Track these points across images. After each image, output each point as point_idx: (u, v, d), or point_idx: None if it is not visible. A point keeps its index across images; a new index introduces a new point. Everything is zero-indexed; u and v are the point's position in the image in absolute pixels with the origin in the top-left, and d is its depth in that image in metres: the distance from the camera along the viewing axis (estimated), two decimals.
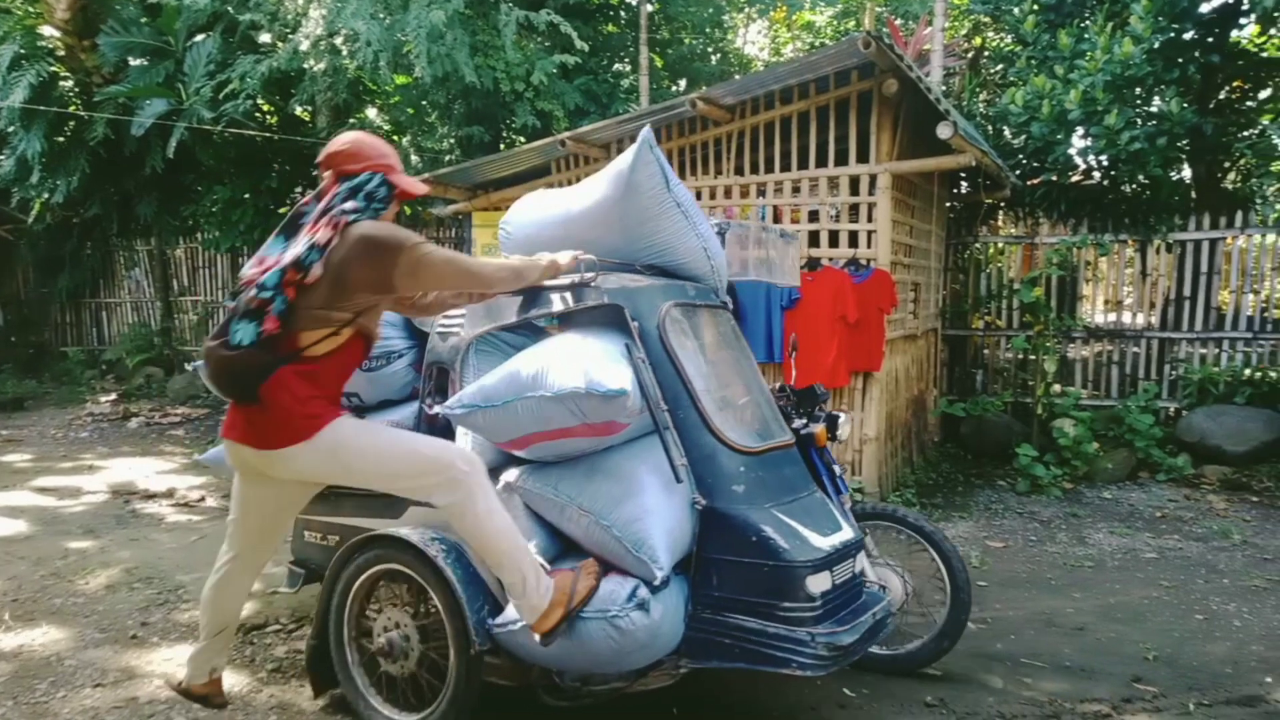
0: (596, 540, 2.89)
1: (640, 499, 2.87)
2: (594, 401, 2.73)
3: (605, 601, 2.77)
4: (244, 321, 2.58)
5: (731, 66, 13.77)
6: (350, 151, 2.77)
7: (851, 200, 6.43)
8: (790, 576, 2.84)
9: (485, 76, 8.76)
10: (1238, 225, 7.78)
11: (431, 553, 2.99)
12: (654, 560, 2.78)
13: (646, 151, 3.12)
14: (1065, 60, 7.59)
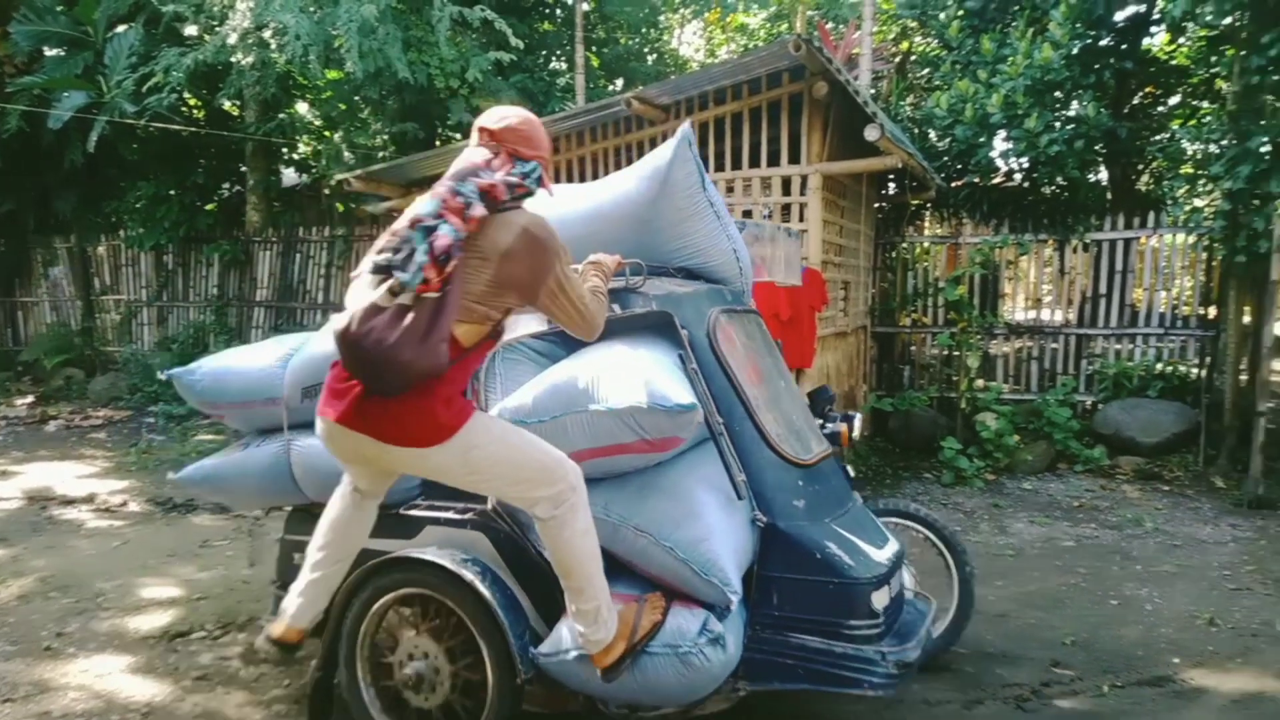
0: (656, 563, 2.71)
1: (704, 518, 2.72)
2: (659, 417, 2.59)
3: (674, 636, 2.61)
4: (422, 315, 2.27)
5: (667, 67, 13.85)
6: (527, 134, 2.49)
7: (783, 201, 6.54)
8: (856, 593, 2.77)
9: (419, 72, 8.67)
10: (1150, 226, 8.11)
11: (468, 576, 2.79)
12: (726, 584, 2.63)
13: (685, 149, 3.01)
14: (988, 65, 7.82)
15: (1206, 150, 7.30)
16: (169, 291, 12.15)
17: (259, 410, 3.38)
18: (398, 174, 7.93)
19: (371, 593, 3.00)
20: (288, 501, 3.49)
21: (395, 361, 2.18)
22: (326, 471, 3.03)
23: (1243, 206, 6.62)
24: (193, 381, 3.45)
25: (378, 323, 2.19)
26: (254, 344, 3.73)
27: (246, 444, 3.49)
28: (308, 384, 3.22)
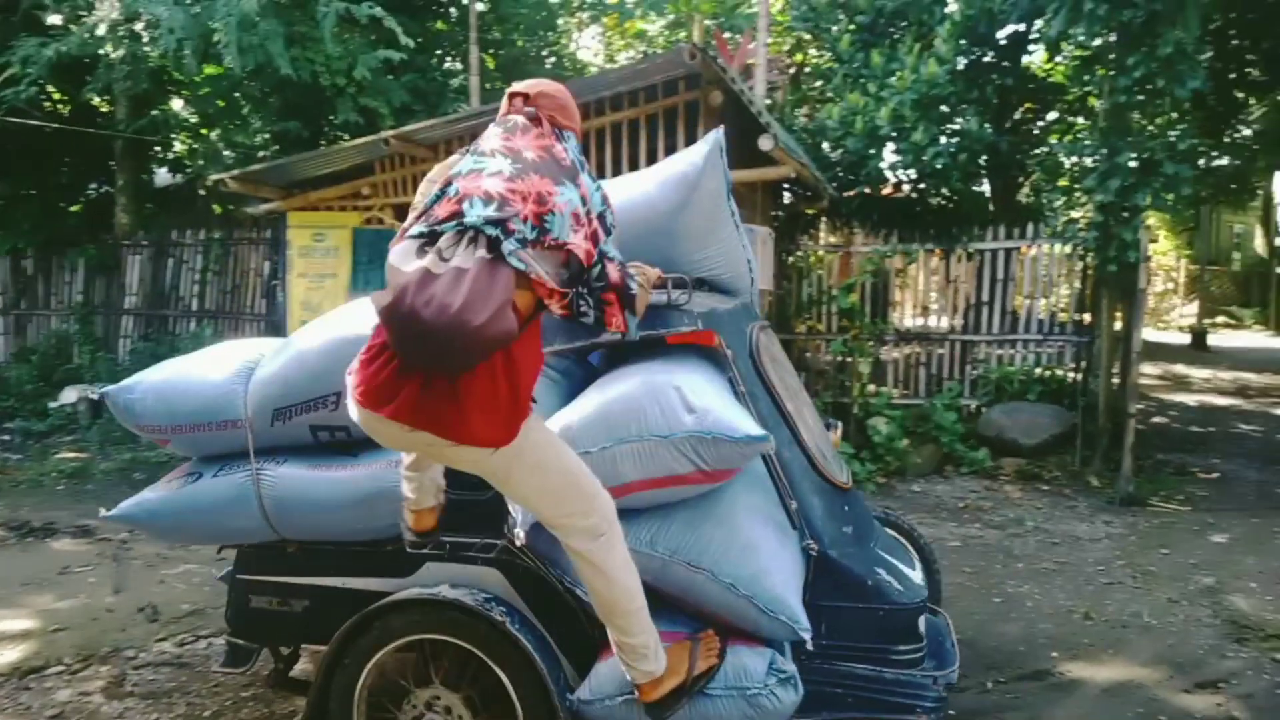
0: (713, 600, 2.53)
1: (762, 550, 2.56)
2: (724, 448, 2.43)
3: (739, 676, 2.46)
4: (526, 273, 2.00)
5: (567, 70, 13.76)
6: (563, 102, 2.32)
7: None
8: (905, 619, 2.73)
9: (303, 69, 8.32)
10: (1029, 236, 8.47)
11: (496, 617, 2.57)
12: (795, 620, 2.49)
13: (717, 156, 2.84)
14: (877, 79, 8.03)
15: (1080, 164, 7.66)
16: (27, 299, 11.33)
17: (213, 435, 2.94)
18: (279, 174, 7.59)
19: (372, 641, 2.72)
20: (254, 539, 3.00)
21: (464, 328, 1.85)
22: (306, 505, 2.83)
23: (1113, 218, 6.96)
24: (131, 402, 2.97)
25: (437, 289, 1.87)
26: (196, 355, 3.16)
27: (196, 474, 3.00)
28: (281, 405, 2.85)
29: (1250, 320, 21.44)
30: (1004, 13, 7.91)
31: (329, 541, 2.93)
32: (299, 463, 2.89)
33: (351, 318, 2.85)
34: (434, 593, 2.65)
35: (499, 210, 1.97)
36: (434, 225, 1.98)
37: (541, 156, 2.12)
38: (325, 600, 2.95)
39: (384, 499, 2.73)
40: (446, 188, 2.05)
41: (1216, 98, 10.69)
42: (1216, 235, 23.37)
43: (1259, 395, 11.89)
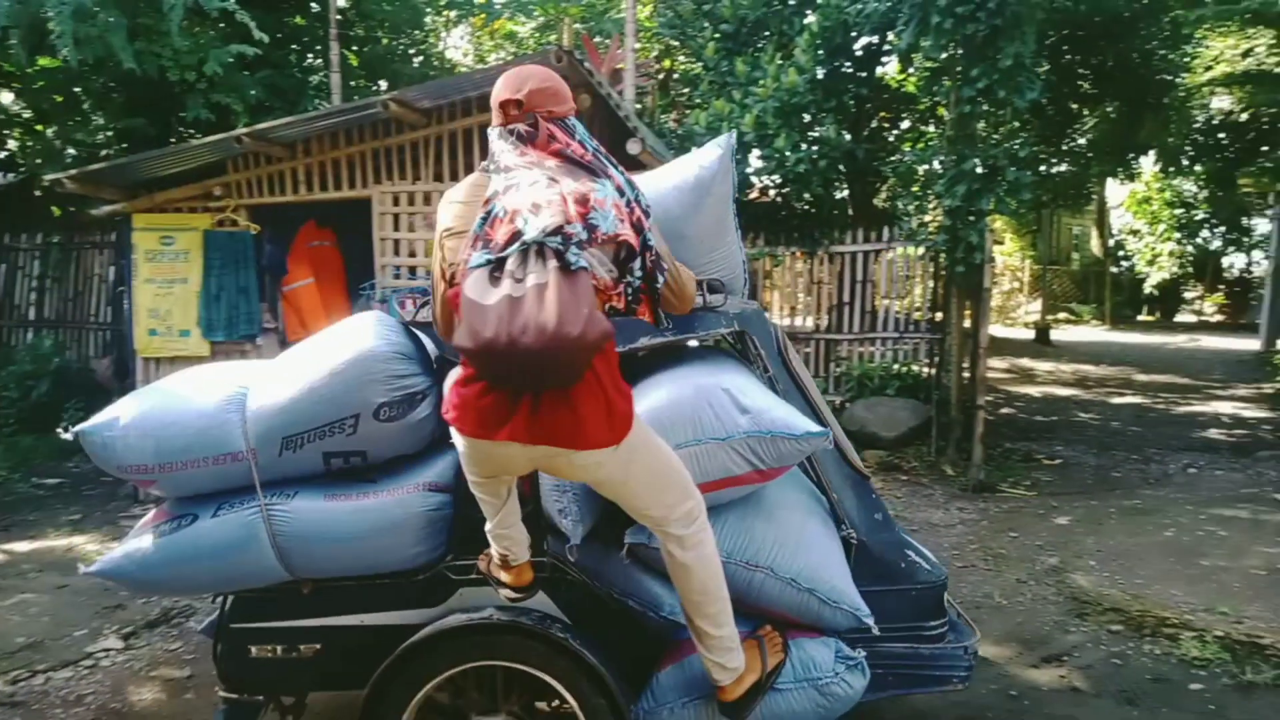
0: (772, 597, 2.59)
1: (815, 544, 2.65)
2: (785, 445, 2.50)
3: (808, 668, 2.55)
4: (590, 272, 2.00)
5: (435, 69, 13.50)
6: (554, 90, 2.27)
7: None
8: (935, 596, 2.84)
9: (148, 63, 7.85)
10: (886, 239, 8.87)
11: (558, 635, 2.55)
12: (857, 608, 2.59)
13: (729, 160, 2.83)
14: (742, 86, 8.24)
15: (931, 170, 8.08)
16: None
17: (208, 471, 2.68)
18: (123, 174, 7.12)
19: (419, 674, 2.60)
20: (261, 582, 2.76)
21: (566, 342, 1.87)
22: (328, 540, 2.64)
23: (960, 222, 7.37)
24: (111, 439, 2.66)
25: (527, 313, 1.88)
26: (166, 384, 2.86)
27: (188, 515, 2.72)
28: (291, 433, 2.63)
29: (1088, 316, 23.10)
30: (858, 25, 8.25)
31: (349, 578, 2.74)
32: (312, 494, 2.69)
33: (355, 334, 2.72)
34: (485, 617, 2.59)
35: (552, 219, 1.97)
36: (497, 251, 1.97)
37: (562, 162, 2.15)
38: (342, 641, 2.78)
39: (413, 525, 2.66)
40: (489, 210, 2.04)
41: (1054, 108, 11.51)
42: (1057, 237, 25.07)
43: (1096, 385, 12.83)
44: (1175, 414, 10.58)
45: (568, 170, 2.13)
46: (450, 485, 2.73)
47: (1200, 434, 9.34)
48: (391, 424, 2.67)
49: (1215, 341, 18.44)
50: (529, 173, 2.09)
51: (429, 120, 6.60)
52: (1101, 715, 3.63)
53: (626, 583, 2.66)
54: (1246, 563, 5.26)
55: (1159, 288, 23.45)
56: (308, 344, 2.84)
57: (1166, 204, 22.10)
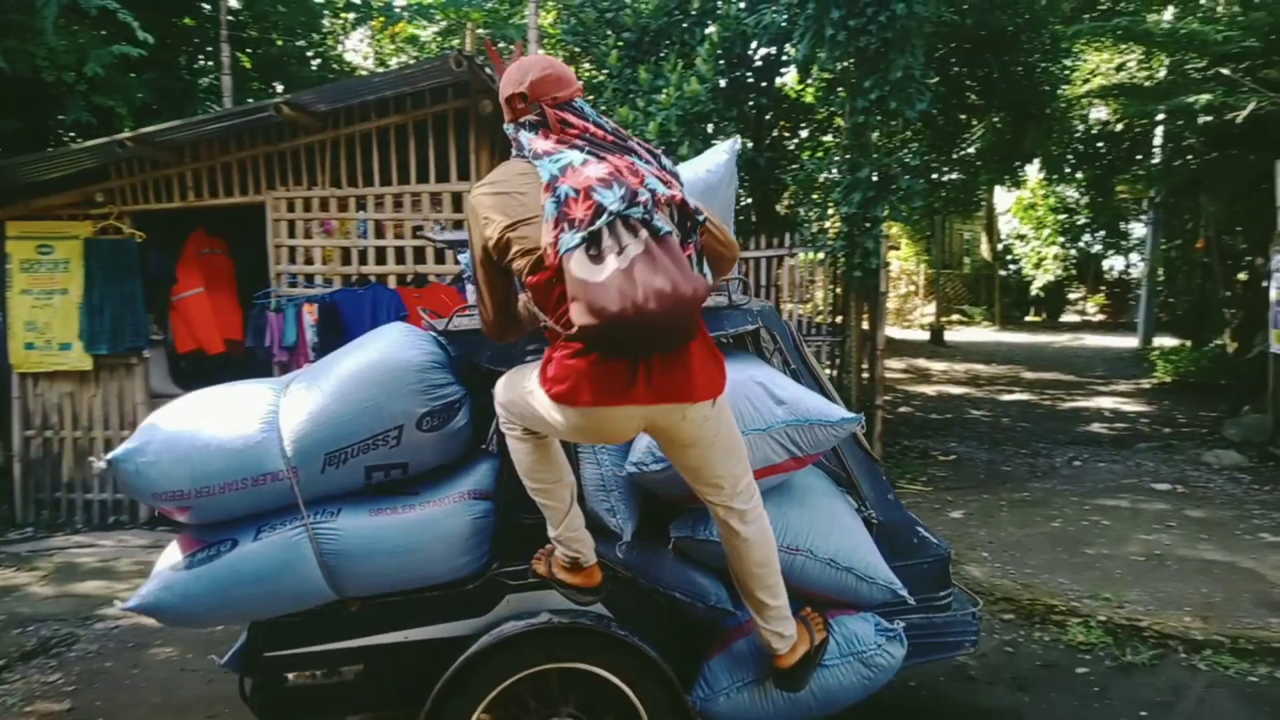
0: (813, 579, 2.73)
1: (845, 525, 2.82)
2: (822, 432, 2.68)
3: (852, 643, 2.73)
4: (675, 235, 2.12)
5: (333, 73, 13.16)
6: (555, 75, 2.34)
7: (456, 217, 6.43)
8: (945, 567, 3.05)
9: (21, 63, 7.41)
10: (788, 245, 9.05)
11: (620, 632, 2.65)
12: (891, 583, 2.79)
13: (734, 165, 2.93)
14: (645, 94, 8.29)
15: (829, 178, 8.29)
16: None
17: (246, 493, 2.57)
18: None
19: (480, 686, 2.61)
20: (307, 605, 2.67)
21: (684, 301, 2.01)
22: (379, 556, 2.60)
23: (857, 228, 7.58)
24: (144, 466, 2.52)
25: (645, 281, 1.98)
26: (183, 405, 2.74)
27: (227, 540, 2.60)
28: (334, 448, 2.58)
29: (979, 317, 24.09)
30: (757, 35, 8.41)
31: (393, 593, 2.70)
32: (355, 510, 2.64)
33: (389, 345, 2.70)
34: (546, 621, 2.63)
35: (626, 192, 2.08)
36: (585, 227, 2.05)
37: (595, 136, 2.25)
38: (387, 659, 2.72)
39: (460, 535, 2.68)
40: (556, 193, 2.11)
41: (944, 118, 11.96)
42: (949, 242, 26.07)
43: (987, 384, 13.39)
44: (1061, 410, 11.13)
45: (602, 148, 2.22)
46: (492, 492, 2.76)
47: (1084, 428, 9.85)
48: (433, 434, 2.68)
49: (1097, 340, 19.48)
50: (572, 154, 2.18)
51: (325, 124, 6.43)
52: (995, 701, 3.78)
53: (672, 577, 2.75)
54: (1127, 550, 5.57)
55: (1045, 289, 24.63)
56: (337, 356, 2.81)
57: (1050, 210, 23.23)
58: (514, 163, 2.35)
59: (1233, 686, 3.85)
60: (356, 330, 6.24)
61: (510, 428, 2.48)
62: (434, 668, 2.63)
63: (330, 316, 6.27)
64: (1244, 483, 7.36)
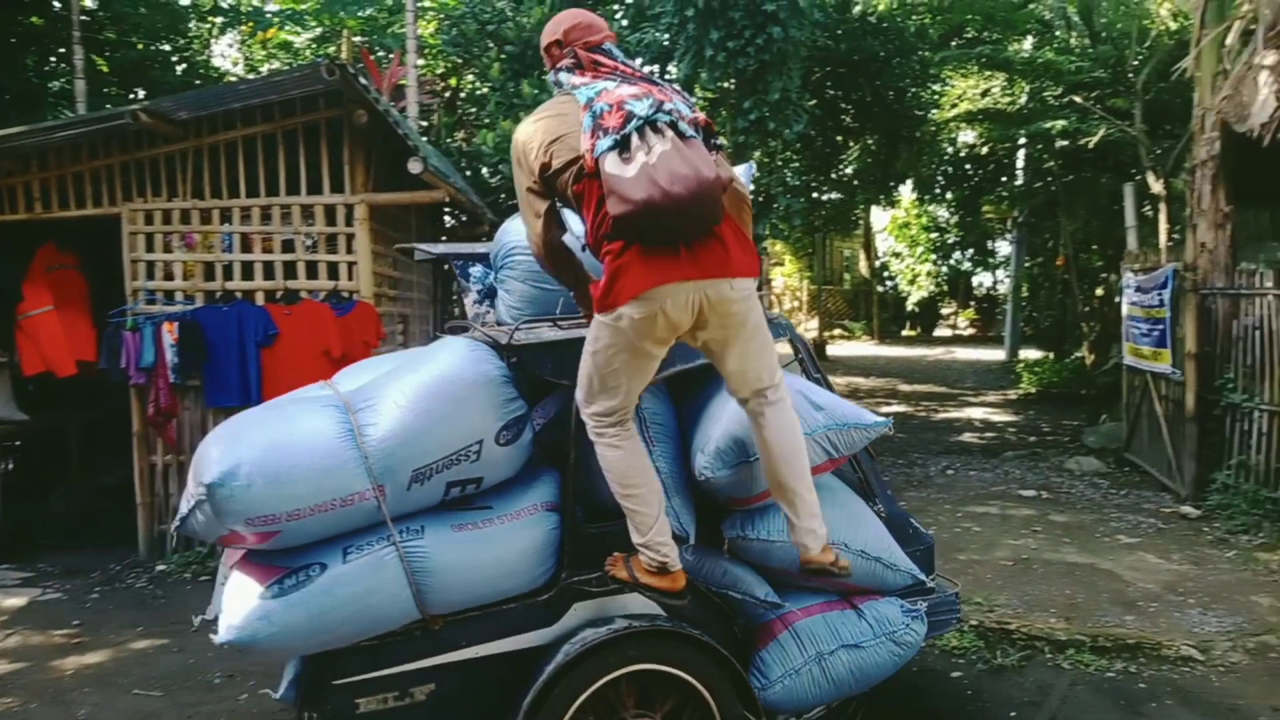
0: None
1: (868, 519, 3.08)
2: (857, 434, 2.93)
3: (883, 624, 2.98)
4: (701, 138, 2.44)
5: (202, 78, 12.55)
6: (585, 23, 2.69)
7: (328, 231, 6.18)
8: (931, 554, 3.34)
9: None
10: None
11: (693, 631, 2.79)
12: (911, 569, 3.10)
13: (749, 186, 3.06)
14: (529, 107, 8.21)
15: None
16: None
17: (335, 514, 2.49)
18: None
19: (566, 695, 2.65)
20: (392, 626, 2.60)
21: (706, 184, 2.31)
22: (468, 571, 2.62)
23: None
24: (238, 490, 2.37)
25: (670, 170, 2.28)
26: (259, 420, 2.67)
27: (315, 565, 2.49)
28: (421, 464, 2.55)
29: (859, 331, 24.93)
30: (640, 53, 8.47)
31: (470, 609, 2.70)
32: (438, 526, 2.65)
33: (462, 360, 2.72)
34: (626, 626, 2.72)
35: (654, 102, 2.39)
36: (616, 133, 2.34)
37: (628, 74, 2.55)
38: (460, 676, 2.71)
39: (537, 546, 2.75)
40: (593, 110, 2.40)
41: (821, 140, 12.33)
42: (830, 259, 26.93)
43: (867, 395, 13.81)
44: (935, 420, 11.58)
45: (630, 79, 2.52)
46: (559, 504, 2.83)
47: (956, 438, 10.26)
48: (507, 447, 2.72)
49: (968, 353, 20.42)
50: (609, 81, 2.49)
51: (188, 133, 6.09)
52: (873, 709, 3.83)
53: (724, 576, 2.93)
54: (997, 555, 5.80)
55: (919, 305, 25.71)
56: (394, 372, 2.77)
57: (923, 229, 24.30)
58: (555, 100, 2.67)
59: (1093, 683, 4.03)
60: (220, 350, 5.95)
61: (601, 433, 2.60)
62: (506, 681, 2.70)
63: (191, 335, 5.92)
64: (1102, 487, 7.80)
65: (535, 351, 2.86)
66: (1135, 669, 4.15)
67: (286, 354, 5.98)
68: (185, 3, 12.50)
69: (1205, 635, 4.50)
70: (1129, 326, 8.52)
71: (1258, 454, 6.49)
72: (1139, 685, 4.00)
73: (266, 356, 5.99)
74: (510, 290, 3.27)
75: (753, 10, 7.10)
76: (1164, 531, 6.39)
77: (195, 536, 2.73)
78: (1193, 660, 4.21)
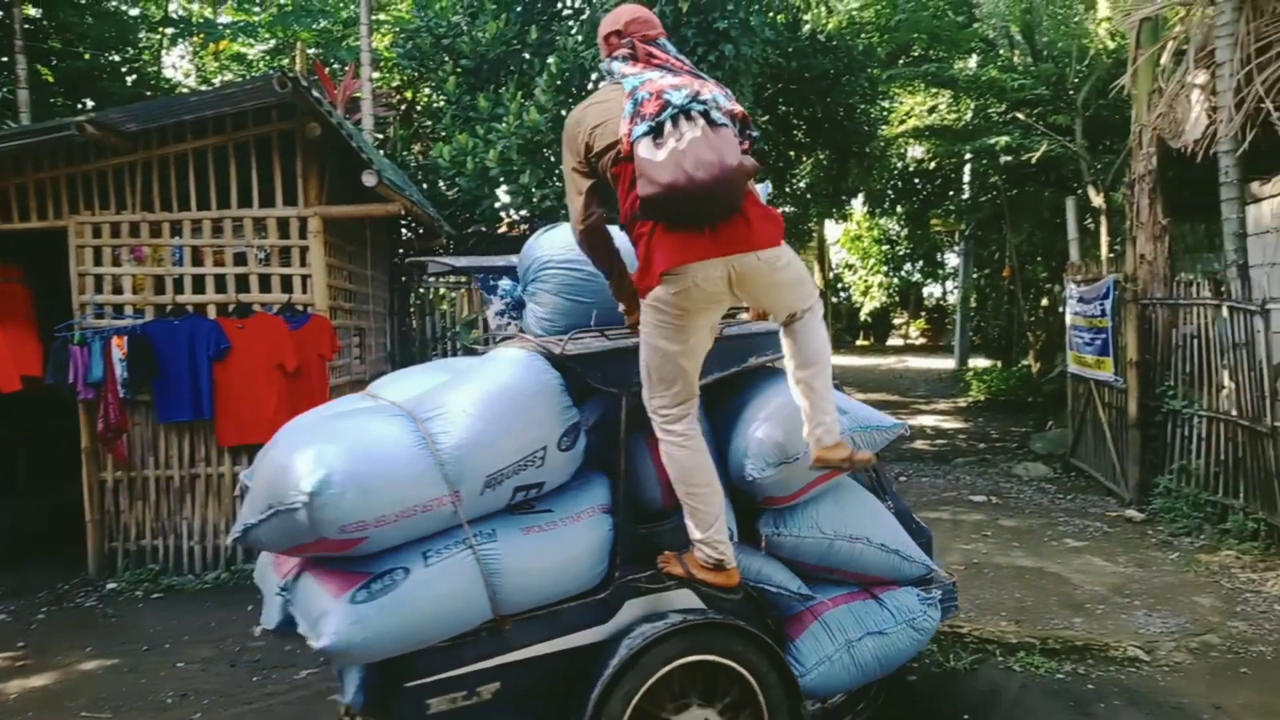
0: (870, 562, 3.22)
1: (883, 514, 3.35)
2: (878, 436, 3.24)
3: (903, 612, 3.25)
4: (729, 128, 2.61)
5: (152, 89, 12.35)
6: (645, 18, 2.88)
7: (282, 244, 6.12)
8: (931, 545, 3.56)
9: None
10: None
11: (742, 623, 2.94)
12: (924, 560, 3.38)
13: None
14: (485, 122, 8.23)
15: None
16: None
17: (415, 520, 2.55)
18: None
19: (630, 687, 2.76)
20: (465, 628, 2.66)
21: (729, 170, 2.49)
22: (538, 572, 2.73)
23: None
24: (333, 498, 2.39)
25: (697, 156, 2.47)
26: (331, 426, 2.70)
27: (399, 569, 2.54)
28: (494, 470, 2.65)
29: None
30: (594, 69, 8.52)
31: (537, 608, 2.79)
32: (508, 529, 2.74)
33: (524, 369, 2.84)
34: (682, 620, 2.85)
35: (691, 92, 2.58)
36: (652, 120, 2.54)
37: (675, 66, 2.74)
38: (524, 674, 2.79)
39: (596, 547, 2.86)
40: (634, 98, 2.59)
41: (774, 154, 12.51)
42: None
43: None
44: None
45: (678, 71, 2.71)
46: (611, 507, 2.95)
47: (909, 445, 10.44)
48: (567, 453, 2.85)
49: (919, 362, 20.77)
50: (652, 71, 2.68)
51: (137, 144, 5.99)
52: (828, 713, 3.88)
53: (760, 570, 3.10)
54: (949, 559, 5.90)
55: (872, 315, 26.14)
56: (454, 381, 2.87)
57: (875, 241, 24.73)
58: (604, 88, 2.88)
59: (1043, 685, 4.13)
60: (171, 364, 5.85)
61: (669, 430, 2.78)
62: (564, 678, 2.80)
63: (141, 350, 5.81)
64: (1050, 492, 7.99)
65: (586, 361, 2.96)
66: (1084, 670, 4.26)
67: (240, 368, 5.91)
68: (135, 13, 12.30)
69: (1150, 636, 4.64)
70: (1073, 336, 8.76)
71: (1198, 458, 6.71)
72: (1087, 686, 4.11)
73: (219, 371, 5.91)
74: (542, 303, 3.32)
75: (704, 28, 7.21)
76: (1110, 535, 6.57)
77: (260, 547, 2.75)
78: (1139, 661, 4.34)
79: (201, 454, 6.09)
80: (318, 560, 2.63)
